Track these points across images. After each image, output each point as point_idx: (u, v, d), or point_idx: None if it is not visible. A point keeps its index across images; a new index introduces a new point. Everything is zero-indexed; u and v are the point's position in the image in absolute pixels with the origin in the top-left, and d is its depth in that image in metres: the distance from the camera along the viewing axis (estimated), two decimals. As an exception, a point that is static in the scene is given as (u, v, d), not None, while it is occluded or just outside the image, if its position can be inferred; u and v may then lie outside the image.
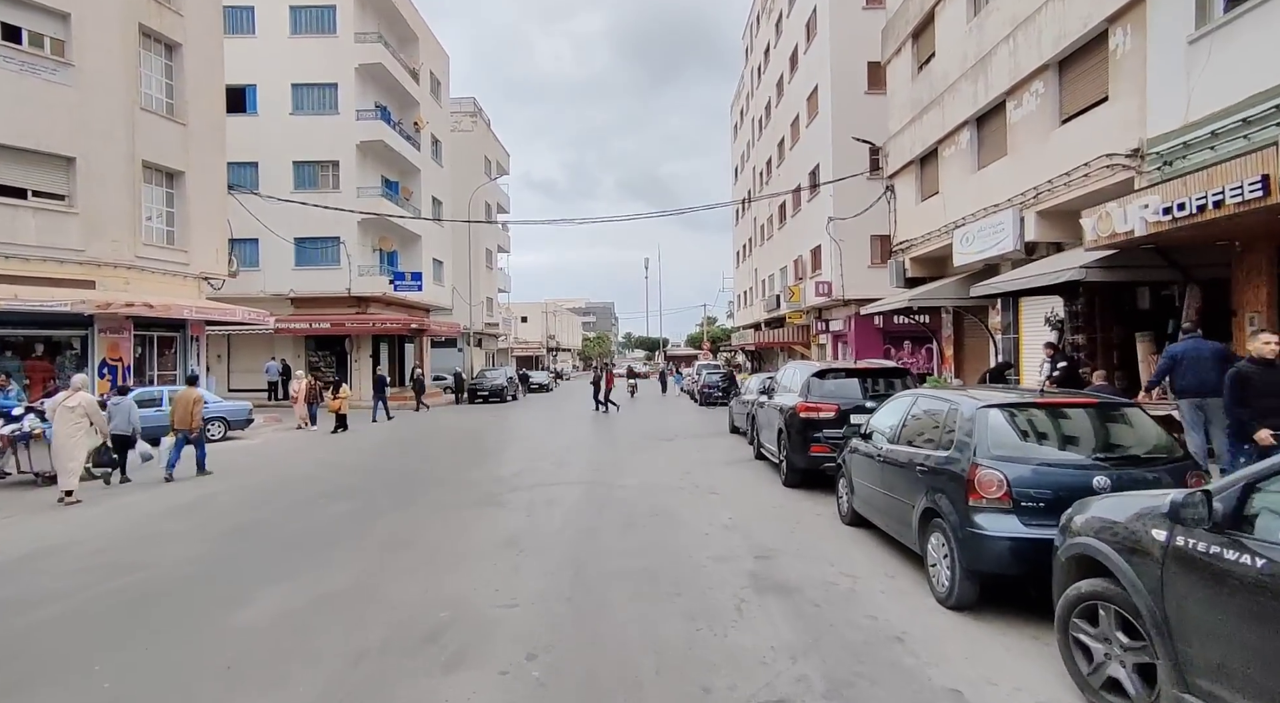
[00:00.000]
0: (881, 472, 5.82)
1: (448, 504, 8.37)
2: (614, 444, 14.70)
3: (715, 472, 10.72)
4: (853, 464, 6.77)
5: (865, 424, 6.71)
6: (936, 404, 5.26)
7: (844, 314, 27.63)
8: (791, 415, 9.06)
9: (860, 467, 6.54)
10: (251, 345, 28.68)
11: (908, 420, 5.66)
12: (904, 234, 18.63)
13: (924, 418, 5.46)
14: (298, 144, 28.17)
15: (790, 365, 10.81)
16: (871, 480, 6.12)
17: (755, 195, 42.16)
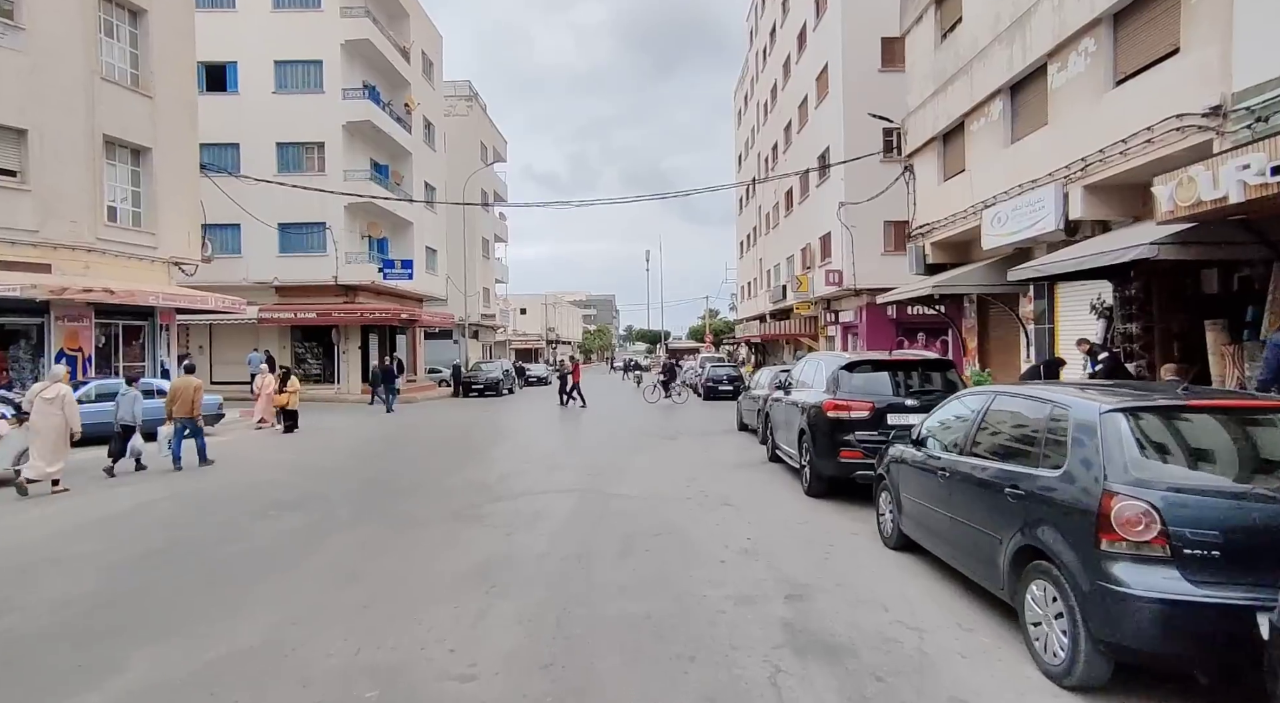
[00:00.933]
0: (945, 490, 4.59)
1: (415, 519, 7.15)
2: (612, 443, 13.48)
3: (726, 477, 9.50)
4: (900, 477, 5.55)
5: (917, 428, 5.48)
6: (1028, 406, 4.02)
7: (854, 304, 26.36)
8: (816, 415, 7.84)
9: (911, 480, 5.32)
10: (235, 336, 27.45)
11: (982, 425, 4.43)
12: (924, 217, 17.34)
13: (1008, 423, 4.23)
14: (281, 124, 26.85)
15: (811, 357, 9.58)
16: (929, 499, 4.90)
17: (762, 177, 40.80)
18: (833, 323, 28.84)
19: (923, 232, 17.41)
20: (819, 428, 7.77)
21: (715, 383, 26.71)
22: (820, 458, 7.73)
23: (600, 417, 19.70)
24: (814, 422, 7.90)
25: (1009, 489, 3.78)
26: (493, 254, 49.91)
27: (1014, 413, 4.20)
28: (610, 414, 20.67)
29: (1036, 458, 3.70)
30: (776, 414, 10.23)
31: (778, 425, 10.15)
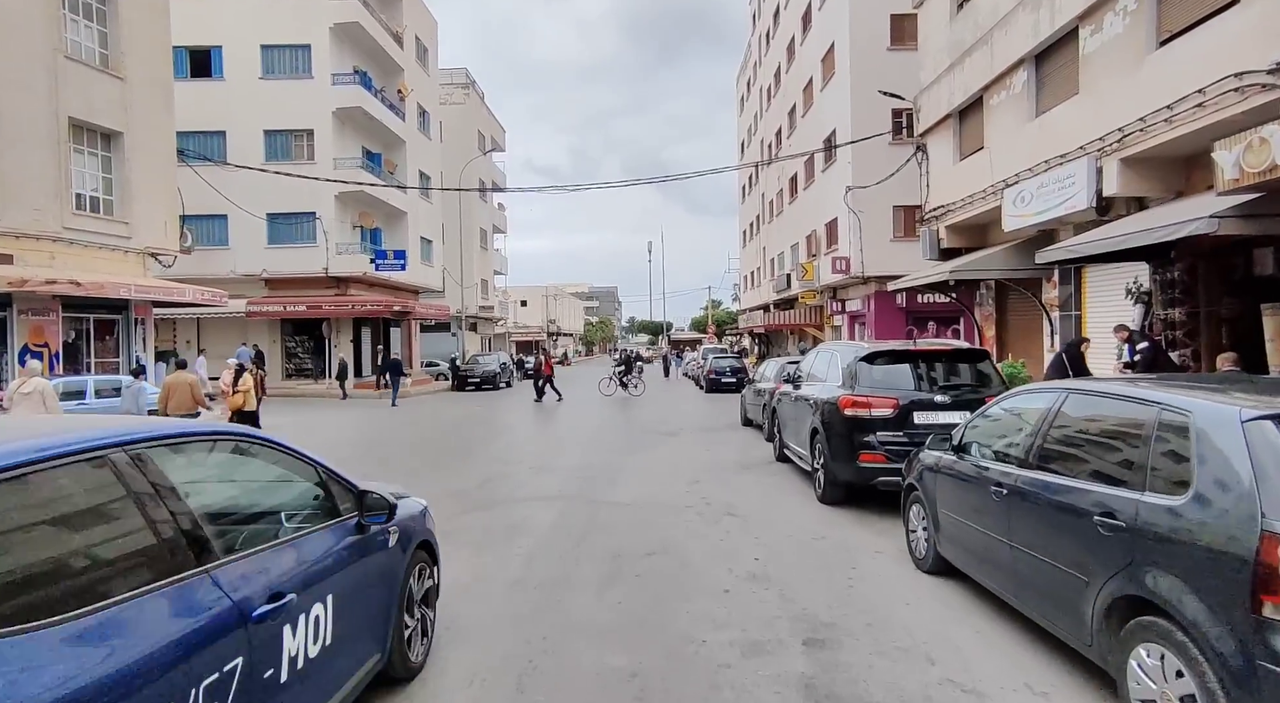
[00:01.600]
0: (1002, 510, 3.71)
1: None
2: (608, 441, 12.63)
3: (730, 480, 8.63)
4: (937, 489, 4.67)
5: (958, 431, 4.60)
6: (1122, 407, 3.12)
7: (862, 293, 25.43)
8: (831, 413, 6.95)
9: (952, 494, 4.45)
10: (224, 330, 26.63)
11: (1052, 430, 3.54)
12: (938, 199, 16.39)
13: (1092, 429, 3.34)
14: (269, 111, 25.93)
15: (823, 348, 8.68)
16: (978, 519, 4.02)
17: (765, 164, 39.74)
18: (839, 312, 27.92)
19: (937, 214, 16.46)
20: (834, 428, 6.88)
21: (718, 375, 25.81)
22: (836, 461, 6.85)
23: (597, 411, 18.85)
24: (828, 420, 7.02)
25: (1100, 518, 2.89)
26: (491, 245, 49.00)
27: (1099, 417, 3.30)
28: (608, 409, 19.82)
29: (1140, 478, 2.81)
30: (785, 410, 9.35)
31: (786, 423, 9.27)
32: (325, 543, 2.83)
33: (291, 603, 2.39)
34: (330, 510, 3.03)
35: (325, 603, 2.65)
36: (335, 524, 2.97)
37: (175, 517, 2.11)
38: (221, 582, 2.14)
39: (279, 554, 2.52)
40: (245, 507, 2.81)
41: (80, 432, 2.07)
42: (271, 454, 2.90)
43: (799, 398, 8.41)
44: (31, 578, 1.70)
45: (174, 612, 1.94)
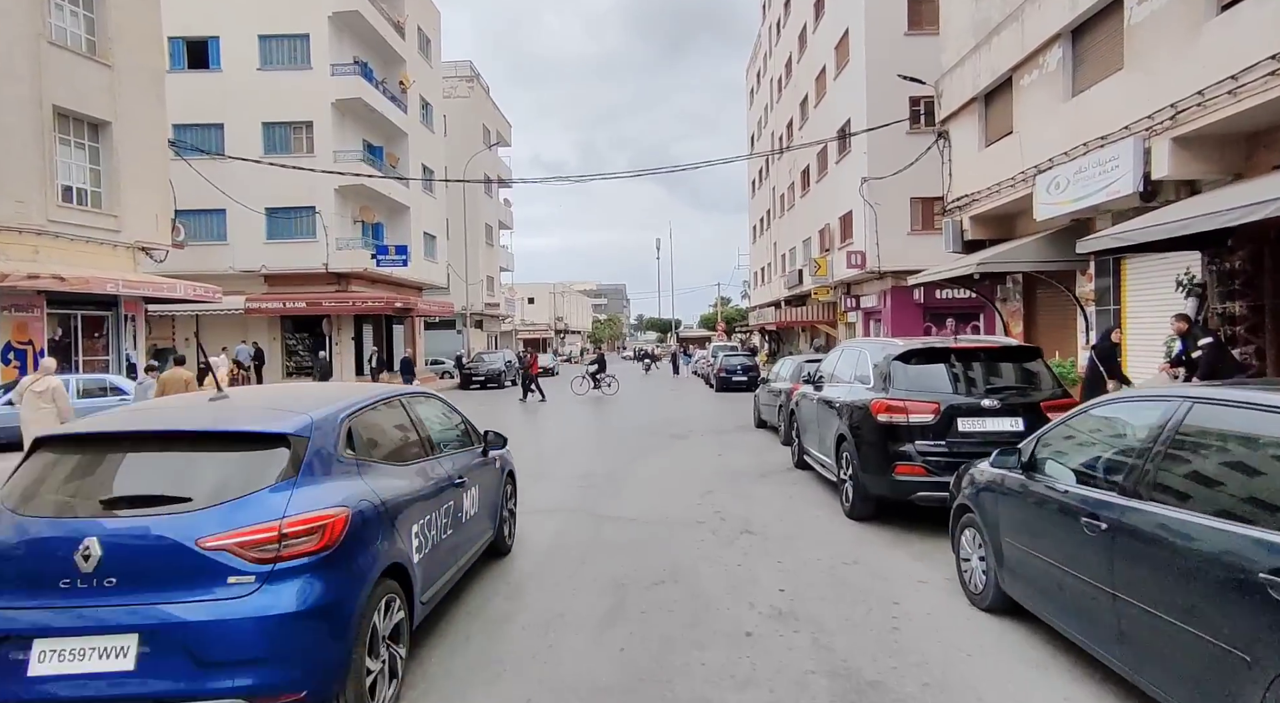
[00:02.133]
0: (1101, 550, 2.95)
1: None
2: (614, 444, 11.90)
3: (746, 491, 7.89)
4: (999, 512, 3.92)
5: (1027, 444, 3.84)
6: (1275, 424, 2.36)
7: (878, 288, 24.59)
8: (862, 418, 6.19)
9: (1021, 520, 3.70)
10: (223, 327, 26.08)
11: (1172, 451, 2.78)
12: (962, 188, 15.55)
13: (1240, 456, 2.57)
14: (267, 103, 25.32)
15: (849, 345, 7.91)
16: (1062, 557, 3.26)
17: (776, 154, 38.86)
18: (853, 308, 27.10)
19: (960, 205, 15.63)
20: (866, 436, 6.12)
21: (729, 373, 25.03)
22: (868, 473, 6.09)
23: (601, 412, 18.12)
24: (858, 427, 6.26)
25: (1268, 576, 2.14)
26: (497, 241, 48.37)
27: (1246, 435, 2.54)
28: (614, 408, 19.10)
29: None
30: (805, 414, 8.58)
31: (806, 427, 8.51)
32: (471, 458, 4.90)
33: (464, 482, 4.51)
34: (468, 441, 5.11)
35: (474, 489, 4.72)
36: (472, 449, 5.07)
37: (423, 429, 4.34)
38: (444, 462, 4.34)
39: (457, 456, 4.64)
40: (440, 430, 4.72)
41: (379, 389, 4.22)
42: (442, 405, 5.04)
43: (822, 401, 7.64)
44: (390, 448, 3.84)
45: (435, 470, 4.12)
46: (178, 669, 2.52)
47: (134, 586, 2.59)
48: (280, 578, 2.67)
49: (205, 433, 3.05)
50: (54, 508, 2.81)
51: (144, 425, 3.20)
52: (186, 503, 2.76)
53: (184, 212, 25.64)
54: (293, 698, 2.64)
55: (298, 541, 2.73)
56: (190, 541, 2.63)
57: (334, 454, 3.20)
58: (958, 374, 6.02)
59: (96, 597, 2.58)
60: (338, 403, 3.51)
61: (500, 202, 49.41)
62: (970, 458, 5.35)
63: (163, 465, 3.01)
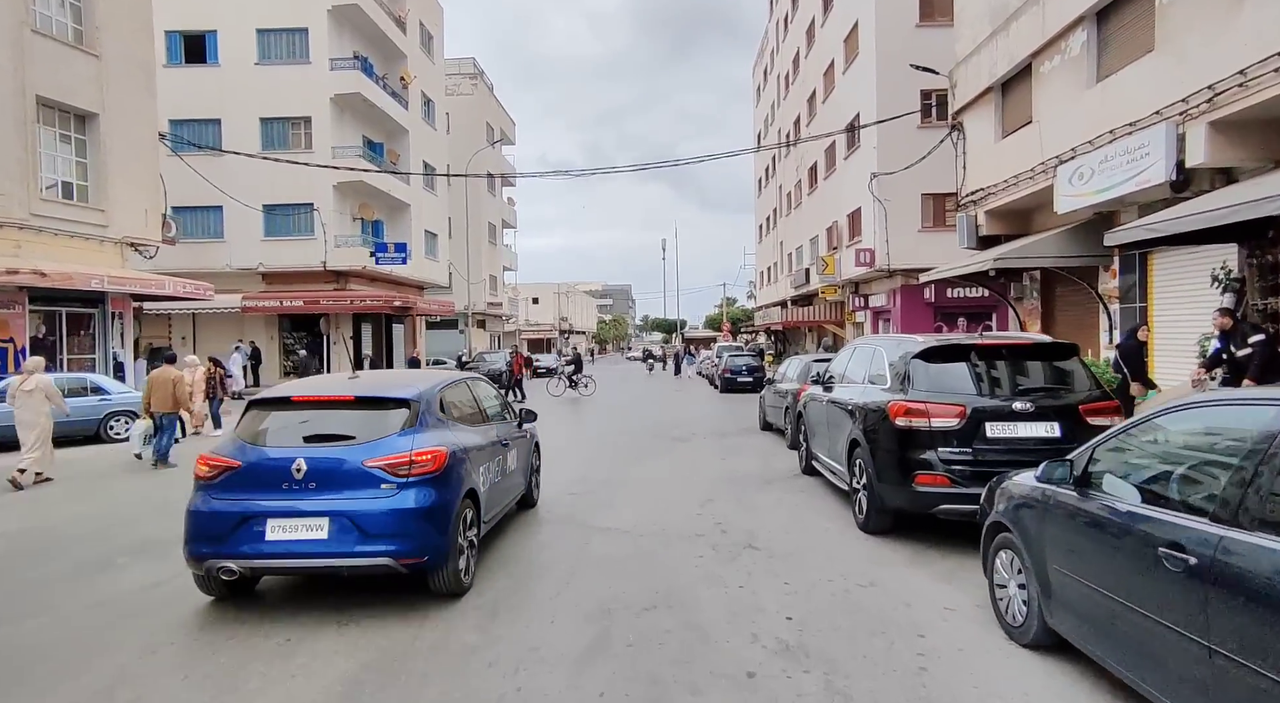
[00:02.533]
0: (1192, 590, 2.37)
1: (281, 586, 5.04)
2: (612, 447, 11.36)
3: (750, 499, 7.33)
4: (1046, 534, 3.35)
5: (1079, 455, 3.27)
6: None
7: (887, 287, 23.99)
8: (878, 422, 5.63)
9: (1074, 545, 3.13)
10: (220, 326, 25.71)
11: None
12: (977, 182, 14.95)
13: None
14: (265, 98, 24.92)
15: (862, 343, 7.32)
16: (1132, 594, 2.69)
17: (782, 154, 38.27)
18: (861, 308, 26.51)
19: (975, 199, 15.02)
20: (881, 441, 5.56)
21: (734, 374, 24.45)
22: (884, 483, 5.52)
23: (602, 413, 17.58)
24: (874, 432, 5.69)
25: None
26: (500, 240, 47.91)
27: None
28: (618, 407, 18.56)
29: None
30: (813, 416, 8.02)
31: (815, 431, 7.94)
32: (510, 427, 6.28)
33: (508, 444, 5.96)
34: (506, 414, 6.48)
35: (513, 451, 6.12)
36: (510, 421, 6.49)
37: (480, 403, 5.82)
38: (495, 428, 5.76)
39: (501, 425, 6.04)
40: (490, 405, 6.13)
41: (452, 374, 5.81)
42: (489, 387, 6.47)
43: (832, 402, 7.08)
44: (463, 414, 5.37)
45: (489, 433, 5.54)
46: (352, 540, 4.07)
47: (326, 488, 4.18)
48: (410, 487, 4.24)
49: (360, 397, 4.71)
50: (275, 441, 4.47)
51: (323, 392, 4.90)
52: (352, 439, 4.38)
53: (180, 208, 25.27)
54: (418, 561, 4.18)
55: (419, 465, 4.30)
56: (359, 462, 4.23)
57: (434, 414, 4.78)
58: (984, 374, 5.45)
59: (304, 495, 4.17)
60: (432, 382, 5.14)
61: (504, 200, 48.97)
62: (1000, 467, 4.79)
63: (334, 417, 4.61)
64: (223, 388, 13.17)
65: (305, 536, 4.07)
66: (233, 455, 4.36)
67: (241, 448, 4.41)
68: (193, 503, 4.31)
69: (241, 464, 4.29)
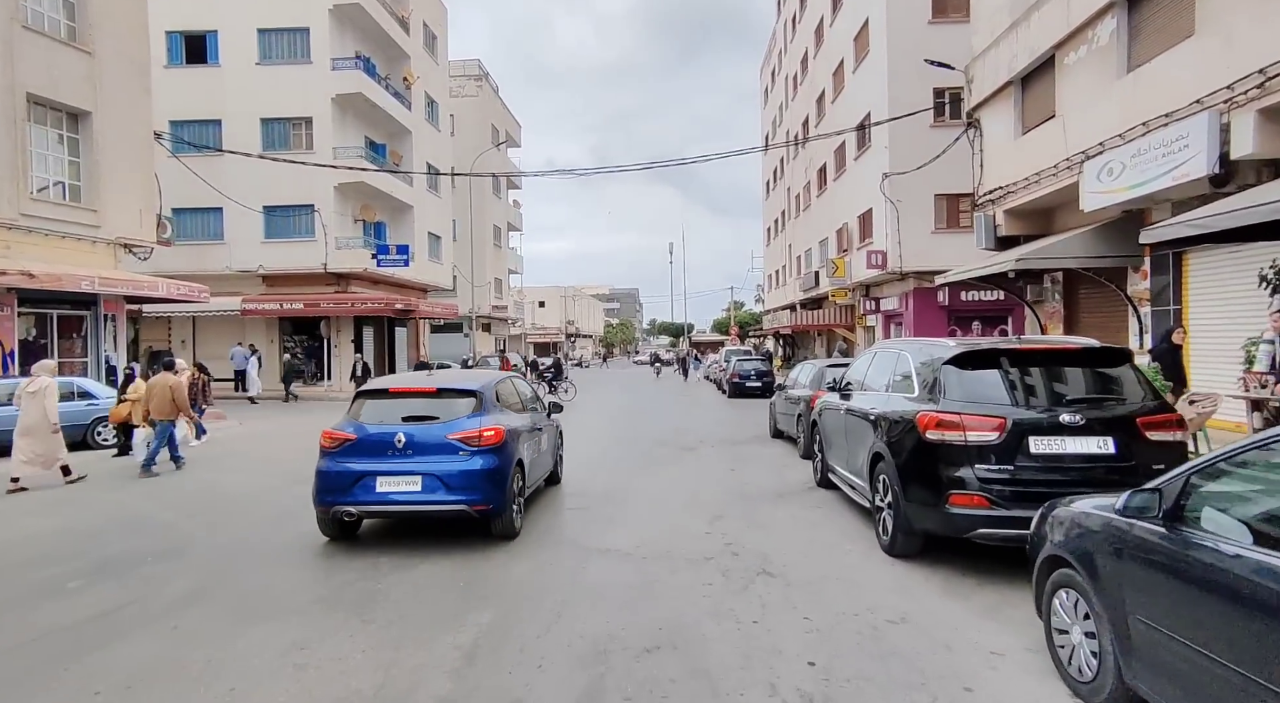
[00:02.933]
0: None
1: (267, 604, 4.54)
2: (615, 456, 10.84)
3: (762, 516, 6.79)
4: (1125, 579, 2.81)
5: (1170, 483, 2.73)
6: None
7: (899, 290, 23.40)
8: (904, 434, 5.08)
9: (1167, 595, 2.59)
10: (220, 329, 25.37)
11: None
12: (995, 181, 14.38)
13: None
14: (266, 98, 24.58)
15: (885, 347, 6.76)
16: (1263, 668, 2.14)
17: (790, 155, 37.73)
18: (872, 311, 25.90)
19: (993, 198, 14.44)
20: (909, 457, 5.01)
21: (742, 379, 23.89)
22: (913, 502, 4.98)
23: (606, 419, 17.06)
24: (899, 446, 5.15)
25: None
26: (506, 243, 47.53)
27: None
28: (623, 413, 18.03)
29: None
30: (830, 426, 7.47)
31: (832, 441, 7.40)
32: (541, 416, 7.65)
33: (541, 430, 7.46)
34: (538, 405, 7.88)
35: (544, 436, 7.59)
36: (541, 411, 7.85)
37: (521, 395, 7.38)
38: (531, 416, 7.22)
39: (535, 414, 7.45)
40: (527, 397, 7.66)
41: (499, 374, 7.51)
42: (525, 383, 8.15)
43: (851, 411, 6.54)
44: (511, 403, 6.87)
45: (528, 420, 6.96)
46: (438, 491, 5.53)
47: (418, 454, 5.65)
48: (479, 454, 5.68)
49: (440, 389, 6.18)
50: (380, 420, 5.89)
51: (413, 386, 6.36)
52: (436, 419, 5.87)
53: (180, 210, 24.99)
54: (485, 509, 5.63)
55: (485, 438, 5.75)
56: (442, 436, 5.75)
57: (492, 402, 6.23)
58: (1024, 382, 4.90)
59: (403, 459, 5.63)
60: (489, 378, 6.72)
61: (509, 203, 48.61)
62: (1046, 487, 4.26)
63: (422, 404, 6.04)
64: (204, 395, 12.73)
65: (404, 488, 5.58)
66: (349, 431, 5.85)
67: (356, 425, 5.91)
68: (321, 465, 5.81)
69: (357, 437, 5.79)
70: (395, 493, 5.54)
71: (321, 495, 5.70)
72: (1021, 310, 22.38)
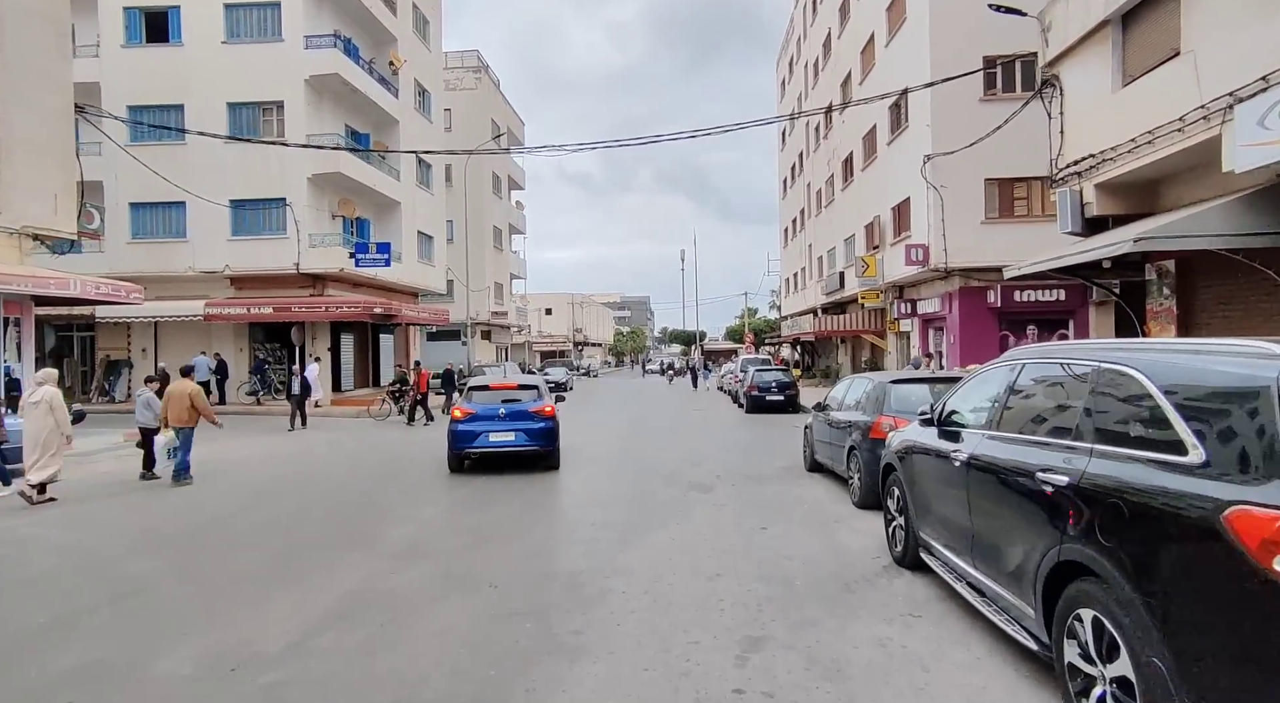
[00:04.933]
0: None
1: None
2: (599, 502, 8.11)
3: (828, 640, 4.04)
4: None
5: None
6: None
7: (940, 290, 20.55)
8: (1202, 548, 2.29)
9: None
10: (185, 336, 22.98)
11: None
12: (1081, 148, 11.57)
13: None
14: (233, 80, 22.25)
15: (1040, 356, 3.97)
16: None
17: (811, 148, 34.92)
18: (907, 315, 23.06)
19: (1080, 170, 11.62)
20: (1220, 592, 2.23)
21: (762, 391, 21.05)
22: (1225, 679, 2.19)
23: (594, 445, 14.33)
24: (1185, 570, 2.36)
25: None
26: (508, 246, 45.03)
27: None
28: (621, 431, 15.31)
29: None
30: (931, 480, 4.67)
31: (937, 510, 4.59)
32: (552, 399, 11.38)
33: None
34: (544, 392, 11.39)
35: None
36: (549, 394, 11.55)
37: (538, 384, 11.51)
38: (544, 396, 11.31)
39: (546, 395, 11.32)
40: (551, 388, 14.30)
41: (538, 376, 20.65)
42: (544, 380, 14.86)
43: (987, 469, 3.76)
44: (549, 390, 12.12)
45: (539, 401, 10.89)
46: (525, 440, 10.22)
47: (512, 420, 10.25)
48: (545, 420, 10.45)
49: (520, 385, 11.24)
50: (487, 401, 10.53)
51: (504, 381, 11.41)
52: (519, 400, 10.76)
53: (139, 205, 22.69)
54: (549, 450, 10.48)
55: (548, 411, 10.57)
56: (527, 409, 10.55)
57: (545, 392, 11.01)
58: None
59: (503, 423, 10.21)
60: (539, 378, 12.79)
61: (511, 204, 46.16)
62: None
63: (510, 392, 10.79)
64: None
65: (506, 439, 10.07)
66: (470, 408, 10.30)
67: (472, 404, 10.40)
68: (453, 427, 10.24)
69: (476, 411, 10.25)
70: (500, 441, 10.05)
71: (455, 444, 10.12)
72: (1085, 312, 19.48)
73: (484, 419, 10.07)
